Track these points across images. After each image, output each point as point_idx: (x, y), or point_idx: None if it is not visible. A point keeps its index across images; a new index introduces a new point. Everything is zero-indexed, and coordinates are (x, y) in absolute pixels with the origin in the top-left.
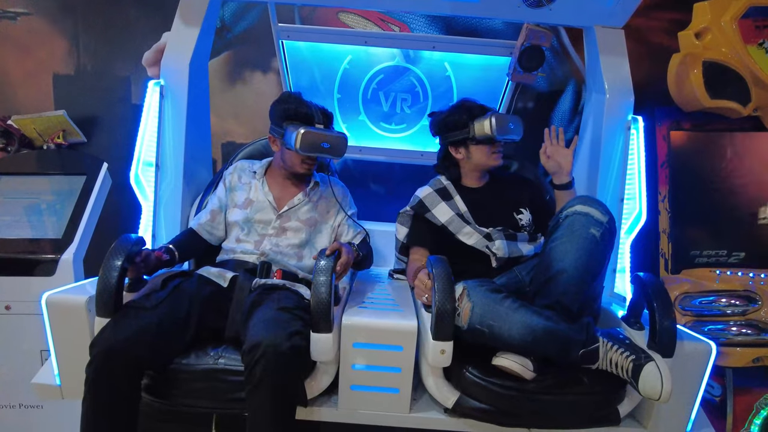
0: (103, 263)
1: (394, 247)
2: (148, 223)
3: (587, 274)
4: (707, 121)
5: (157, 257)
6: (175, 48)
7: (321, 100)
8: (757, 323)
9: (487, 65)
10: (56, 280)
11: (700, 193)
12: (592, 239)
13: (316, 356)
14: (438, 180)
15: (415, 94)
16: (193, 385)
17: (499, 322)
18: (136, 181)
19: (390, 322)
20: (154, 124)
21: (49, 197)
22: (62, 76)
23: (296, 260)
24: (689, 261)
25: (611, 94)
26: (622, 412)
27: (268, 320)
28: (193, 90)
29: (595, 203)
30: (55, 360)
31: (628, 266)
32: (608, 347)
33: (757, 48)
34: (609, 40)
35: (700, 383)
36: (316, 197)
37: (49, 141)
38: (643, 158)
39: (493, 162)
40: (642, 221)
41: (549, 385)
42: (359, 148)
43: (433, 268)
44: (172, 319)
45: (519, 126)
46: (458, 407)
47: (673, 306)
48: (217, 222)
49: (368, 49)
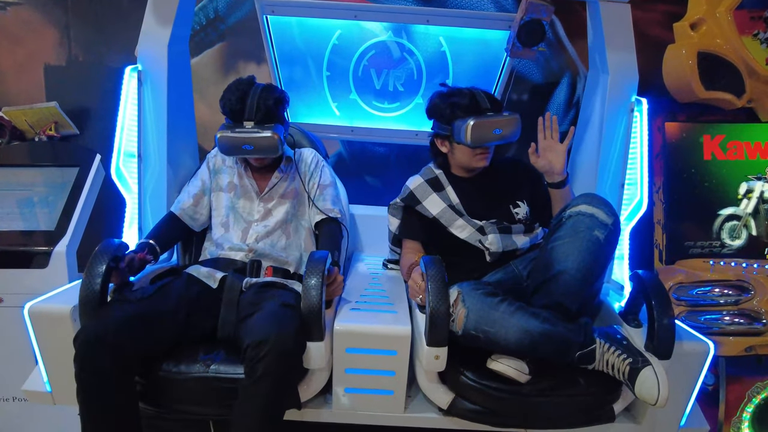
0: (85, 271)
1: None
2: (133, 216)
3: (590, 276)
4: (702, 112)
5: (141, 259)
6: (151, 30)
7: (309, 78)
8: (750, 313)
9: (484, 40)
10: (49, 272)
11: (694, 183)
12: (596, 241)
13: (308, 363)
14: (429, 168)
15: (408, 70)
16: (185, 393)
17: (495, 327)
18: (118, 174)
19: (383, 327)
20: (134, 112)
21: (41, 189)
22: (54, 67)
23: (285, 239)
24: (683, 252)
25: (614, 74)
26: (616, 410)
27: (275, 315)
28: (173, 74)
29: (601, 203)
30: (43, 368)
31: (627, 253)
32: (605, 348)
33: (752, 39)
34: (614, 16)
35: (696, 381)
36: (291, 170)
37: (40, 133)
38: (646, 142)
39: (477, 164)
40: (643, 209)
41: (544, 388)
42: (351, 129)
43: (427, 269)
44: (158, 311)
45: (512, 128)
46: (453, 408)
47: (672, 306)
48: (201, 206)
49: (358, 23)
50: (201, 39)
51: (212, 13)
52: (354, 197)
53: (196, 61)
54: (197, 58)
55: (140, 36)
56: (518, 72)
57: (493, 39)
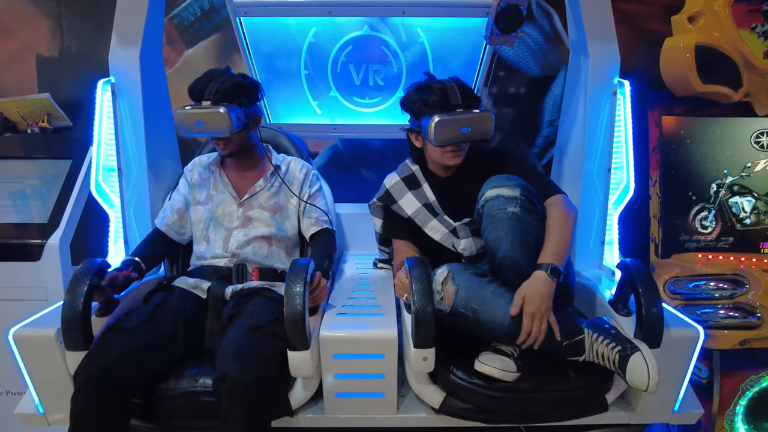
0: (66, 292)
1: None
2: (118, 231)
3: (528, 249)
4: (699, 106)
5: (125, 277)
6: (121, 40)
7: (288, 78)
8: (745, 306)
9: (462, 28)
10: (42, 265)
11: (690, 178)
12: (513, 217)
13: (295, 372)
14: (406, 165)
15: (387, 64)
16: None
17: (484, 306)
18: (98, 189)
19: (369, 332)
20: (110, 126)
21: (34, 182)
22: (46, 58)
23: (268, 248)
24: (679, 246)
25: (596, 57)
26: (609, 400)
27: (237, 347)
28: (147, 83)
29: (501, 180)
30: (33, 391)
31: (617, 238)
32: (594, 339)
33: (750, 32)
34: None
35: (687, 366)
36: (277, 182)
37: (33, 125)
38: (629, 125)
39: (449, 162)
40: (630, 192)
41: (535, 383)
42: (333, 126)
43: (411, 270)
44: (157, 337)
45: (482, 125)
46: (445, 407)
47: (659, 294)
48: (185, 220)
49: (334, 19)
50: (196, 30)
51: (207, 3)
52: (350, 192)
53: (190, 53)
54: (191, 50)
55: (110, 49)
56: (515, 65)
57: (471, 27)
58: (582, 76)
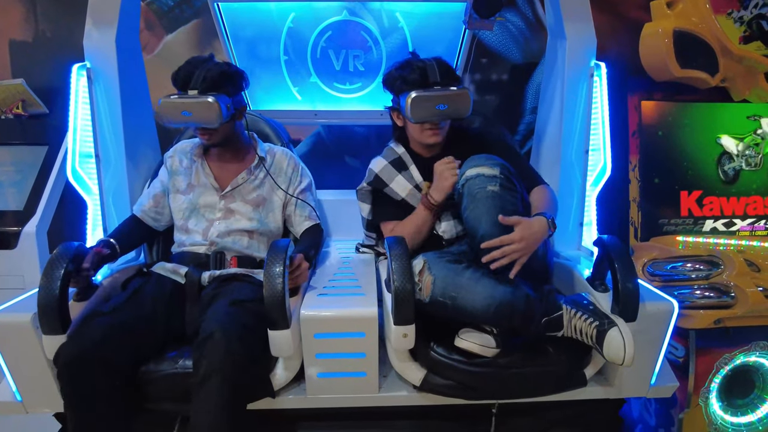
0: (42, 276)
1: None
2: (96, 218)
3: (507, 228)
4: (677, 91)
5: (97, 253)
6: (95, 24)
7: (267, 64)
8: (719, 287)
9: (441, 12)
10: (18, 253)
11: (669, 162)
12: (493, 195)
13: (276, 352)
14: (391, 149)
15: (367, 49)
16: (155, 391)
17: (462, 293)
18: (75, 176)
19: (349, 311)
20: (86, 111)
21: (9, 168)
22: (19, 42)
23: (248, 239)
24: (658, 229)
25: (572, 40)
26: (588, 375)
27: (223, 314)
28: (124, 68)
29: (480, 159)
30: (10, 378)
31: (595, 218)
32: (572, 314)
33: (726, 18)
34: None
35: (663, 340)
36: (262, 174)
37: (7, 111)
38: (606, 107)
39: (428, 140)
40: (607, 173)
41: (515, 359)
42: (314, 113)
43: (390, 249)
44: (135, 317)
45: (459, 103)
46: (426, 384)
47: (635, 269)
48: (161, 206)
49: (313, 4)
50: (176, 16)
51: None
52: (333, 179)
53: (170, 38)
54: (171, 35)
55: (85, 33)
56: (498, 52)
57: (451, 12)
58: (559, 58)
